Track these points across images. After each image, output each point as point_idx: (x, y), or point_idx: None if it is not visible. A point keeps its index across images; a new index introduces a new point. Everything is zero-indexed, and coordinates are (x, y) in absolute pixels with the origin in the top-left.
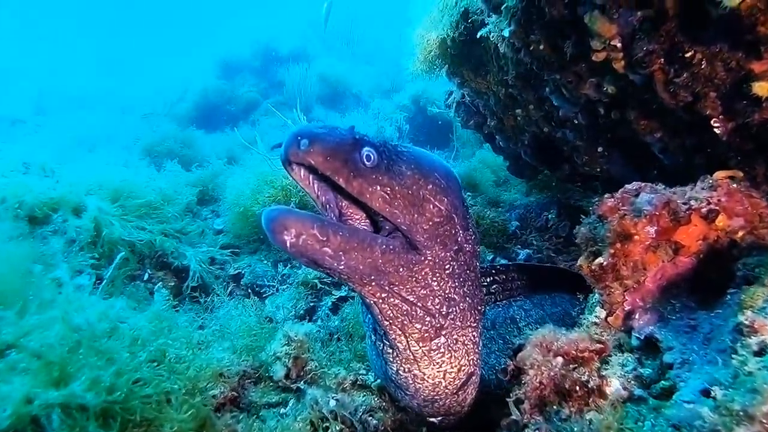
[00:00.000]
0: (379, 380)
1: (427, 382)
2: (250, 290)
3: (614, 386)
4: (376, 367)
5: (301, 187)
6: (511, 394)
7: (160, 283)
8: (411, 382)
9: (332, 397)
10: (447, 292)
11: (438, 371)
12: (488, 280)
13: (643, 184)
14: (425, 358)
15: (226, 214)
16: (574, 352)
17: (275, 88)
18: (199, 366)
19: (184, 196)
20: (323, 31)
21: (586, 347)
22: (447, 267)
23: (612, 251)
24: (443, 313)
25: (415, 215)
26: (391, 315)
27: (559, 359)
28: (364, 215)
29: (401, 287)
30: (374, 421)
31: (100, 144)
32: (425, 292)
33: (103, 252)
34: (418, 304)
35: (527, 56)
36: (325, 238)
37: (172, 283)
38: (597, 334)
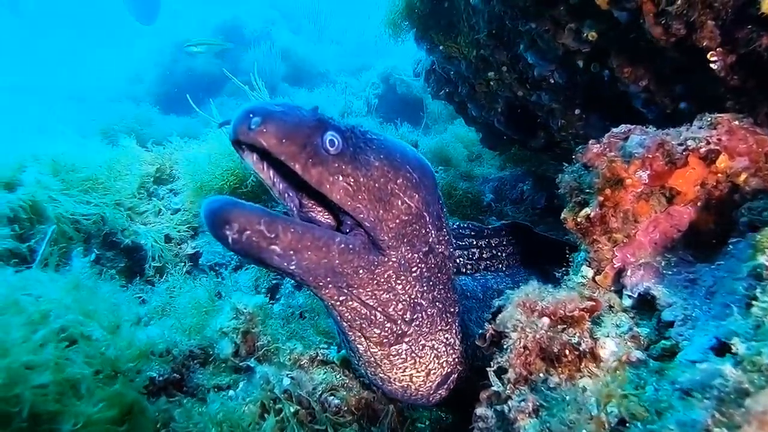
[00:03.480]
0: (342, 352)
1: (395, 384)
2: (208, 269)
3: (609, 348)
4: None
5: (254, 173)
6: (491, 363)
7: (109, 264)
8: (381, 383)
9: (286, 375)
10: (413, 296)
11: (403, 375)
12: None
13: (632, 126)
14: (386, 361)
15: (183, 190)
16: (562, 311)
17: (238, 69)
18: (123, 345)
19: (136, 171)
20: None
21: (576, 306)
22: (414, 269)
23: (601, 199)
24: (407, 319)
25: (381, 212)
26: (350, 317)
27: (545, 320)
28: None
29: (361, 290)
30: (336, 401)
31: (50, 128)
32: (388, 296)
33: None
34: (378, 308)
35: (499, 4)
36: (273, 235)
37: (122, 264)
38: (587, 292)
